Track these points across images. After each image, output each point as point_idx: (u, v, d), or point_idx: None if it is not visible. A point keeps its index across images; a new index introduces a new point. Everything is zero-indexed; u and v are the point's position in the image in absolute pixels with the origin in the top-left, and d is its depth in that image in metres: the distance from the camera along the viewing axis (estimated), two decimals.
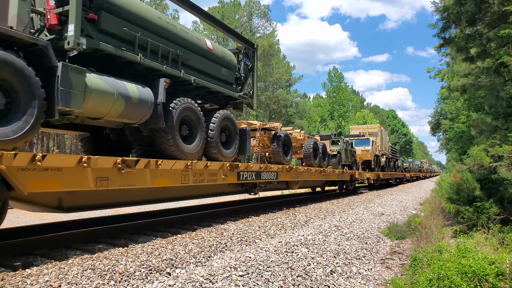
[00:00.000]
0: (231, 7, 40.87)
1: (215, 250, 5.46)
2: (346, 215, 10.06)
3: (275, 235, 6.93)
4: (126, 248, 5.16)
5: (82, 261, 4.44)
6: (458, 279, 4.38)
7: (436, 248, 5.79)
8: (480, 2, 7.61)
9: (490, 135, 8.13)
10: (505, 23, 7.51)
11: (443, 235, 7.77)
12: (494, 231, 7.06)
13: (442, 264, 4.78)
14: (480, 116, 10.21)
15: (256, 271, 4.62)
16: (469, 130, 17.04)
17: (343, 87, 62.59)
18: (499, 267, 4.55)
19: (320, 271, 5.30)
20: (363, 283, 5.45)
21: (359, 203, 13.55)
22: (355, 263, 6.24)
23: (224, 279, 4.23)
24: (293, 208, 10.86)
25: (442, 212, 10.59)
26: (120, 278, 3.97)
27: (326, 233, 7.36)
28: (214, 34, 41.01)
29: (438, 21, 8.83)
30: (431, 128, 37.16)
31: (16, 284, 3.58)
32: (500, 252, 5.16)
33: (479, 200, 8.00)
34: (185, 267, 4.61)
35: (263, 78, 41.60)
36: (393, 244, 8.31)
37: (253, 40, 39.35)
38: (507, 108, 8.37)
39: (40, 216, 10.57)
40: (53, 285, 3.61)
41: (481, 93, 13.44)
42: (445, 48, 10.12)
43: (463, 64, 10.69)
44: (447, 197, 9.25)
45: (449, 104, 27.77)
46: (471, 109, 18.22)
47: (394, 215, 11.89)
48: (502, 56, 8.00)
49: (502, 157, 6.93)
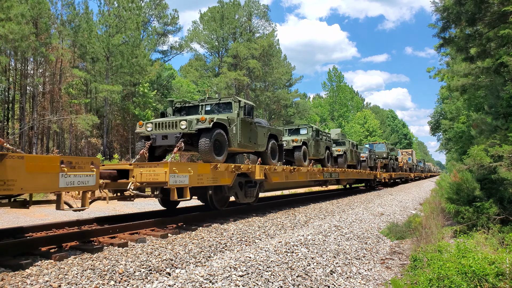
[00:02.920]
0: (231, 7, 40.81)
1: (215, 250, 5.46)
2: (346, 215, 10.06)
3: (275, 235, 6.93)
4: (126, 248, 5.16)
5: (82, 261, 4.44)
6: (458, 279, 4.38)
7: (436, 248, 5.79)
8: (480, 2, 7.61)
9: (490, 135, 8.13)
10: (505, 23, 7.51)
11: (443, 235, 7.77)
12: (494, 231, 7.06)
13: (442, 264, 4.78)
14: (480, 116, 10.21)
15: (256, 271, 4.62)
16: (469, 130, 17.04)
17: (343, 87, 62.57)
18: (499, 267, 4.54)
19: (320, 271, 5.30)
20: (363, 283, 5.45)
21: (359, 203, 13.55)
22: (355, 263, 6.24)
23: (224, 279, 4.23)
24: (293, 208, 10.86)
25: (442, 212, 10.59)
26: (120, 278, 3.97)
27: (326, 233, 7.36)
28: (214, 34, 41.00)
29: (438, 21, 8.84)
30: (431, 128, 37.15)
31: (16, 284, 3.58)
32: (500, 252, 5.16)
33: (479, 200, 8.00)
34: (185, 267, 4.61)
35: (263, 78, 41.59)
36: (393, 244, 8.31)
37: (253, 40, 39.42)
38: (507, 108, 8.37)
39: (40, 216, 10.57)
40: (53, 285, 3.61)
41: (481, 93, 13.44)
42: (445, 48, 10.11)
43: (463, 64, 10.68)
44: (447, 197, 9.24)
45: (449, 104, 27.77)
46: (471, 109, 18.22)
47: (394, 215, 11.88)
48: (502, 56, 8.00)
49: (502, 157, 6.93)
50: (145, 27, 35.76)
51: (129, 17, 26.77)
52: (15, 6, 18.80)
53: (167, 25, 40.32)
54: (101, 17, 27.14)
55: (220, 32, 40.62)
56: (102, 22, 26.91)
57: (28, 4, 20.58)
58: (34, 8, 21.17)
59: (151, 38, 35.26)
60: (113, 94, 24.87)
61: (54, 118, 23.66)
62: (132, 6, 27.82)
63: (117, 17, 26.82)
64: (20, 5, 19.36)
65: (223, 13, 40.49)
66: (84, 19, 26.48)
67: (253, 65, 37.91)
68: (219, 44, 41.79)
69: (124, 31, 26.42)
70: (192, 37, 41.58)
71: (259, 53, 39.19)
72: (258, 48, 38.47)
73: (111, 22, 26.38)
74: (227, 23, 40.18)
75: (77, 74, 25.20)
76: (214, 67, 42.69)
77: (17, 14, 18.65)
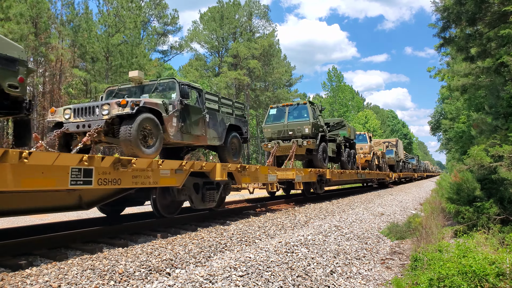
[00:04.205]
0: (231, 7, 40.80)
1: (215, 250, 5.46)
2: (346, 215, 10.06)
3: (275, 235, 6.93)
4: (126, 248, 5.15)
5: (82, 261, 4.43)
6: (458, 279, 4.37)
7: (437, 248, 5.78)
8: (480, 2, 7.60)
9: (490, 135, 8.12)
10: (505, 23, 7.50)
11: (443, 235, 7.76)
12: (494, 231, 7.05)
13: (443, 264, 4.78)
14: (480, 116, 10.21)
15: (256, 271, 4.61)
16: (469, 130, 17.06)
17: (344, 87, 62.54)
18: (500, 267, 4.54)
19: (320, 271, 5.29)
20: (363, 283, 5.44)
21: (359, 203, 13.55)
22: (355, 263, 6.23)
23: (224, 279, 4.22)
24: (293, 208, 10.85)
25: (442, 212, 10.58)
26: (119, 278, 3.96)
27: (326, 233, 7.35)
28: (214, 34, 40.96)
29: (438, 21, 8.83)
30: (431, 128, 37.20)
31: (16, 284, 3.57)
32: (500, 252, 5.16)
33: (479, 200, 7.99)
34: (185, 267, 4.60)
35: (263, 78, 41.58)
36: (393, 244, 8.30)
37: (253, 40, 39.40)
38: (507, 108, 8.37)
39: (40, 216, 10.56)
40: (52, 285, 3.61)
41: (481, 93, 13.44)
42: (445, 48, 10.10)
43: (463, 64, 10.67)
44: (447, 197, 9.24)
45: (449, 104, 27.81)
46: (471, 109, 18.24)
47: (394, 215, 11.88)
48: (502, 56, 7.99)
49: (502, 157, 6.92)
50: (145, 27, 35.77)
51: (129, 16, 26.77)
52: (14, 6, 18.80)
53: (167, 25, 40.36)
54: (101, 17, 27.14)
55: (220, 32, 40.61)
56: (101, 21, 26.92)
57: (27, 4, 20.58)
58: (33, 8, 21.17)
59: (151, 38, 35.26)
60: None
61: None
62: (132, 6, 27.81)
63: (116, 17, 26.81)
64: (19, 5, 19.36)
65: (223, 13, 40.48)
66: (84, 19, 26.48)
67: (253, 65, 37.91)
68: (219, 44, 41.78)
69: (123, 31, 26.42)
70: (192, 37, 41.59)
71: (259, 53, 39.19)
72: (259, 48, 38.48)
73: (110, 21, 26.38)
74: (227, 23, 40.15)
75: (77, 74, 25.20)
76: (214, 67, 42.69)
77: (16, 13, 18.66)
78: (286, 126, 13.08)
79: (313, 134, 12.84)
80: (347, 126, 16.94)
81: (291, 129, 12.94)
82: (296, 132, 12.79)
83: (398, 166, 29.88)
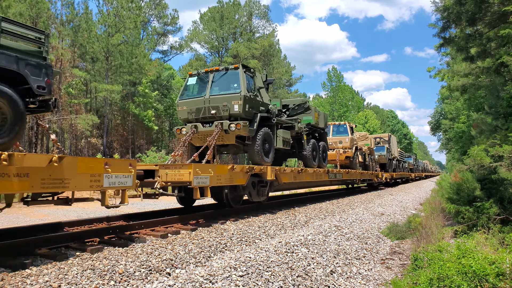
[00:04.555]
0: (231, 7, 40.83)
1: (215, 250, 5.46)
2: (346, 215, 10.06)
3: (275, 235, 6.93)
4: (126, 248, 5.15)
5: (82, 261, 4.43)
6: (458, 279, 4.37)
7: (437, 248, 5.78)
8: (480, 2, 7.60)
9: (490, 135, 8.12)
10: (505, 23, 7.50)
11: (443, 235, 7.76)
12: (494, 231, 7.05)
13: (443, 264, 4.78)
14: (480, 116, 10.21)
15: (256, 271, 4.61)
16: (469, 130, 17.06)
17: (343, 87, 62.55)
18: (500, 267, 4.54)
19: (320, 271, 5.29)
20: (363, 283, 5.45)
21: (359, 203, 13.55)
22: (355, 263, 6.23)
23: (224, 279, 4.22)
24: (293, 208, 10.86)
25: (442, 212, 10.58)
26: (120, 278, 3.96)
27: (326, 233, 7.35)
28: (214, 34, 40.98)
29: (438, 21, 8.83)
30: (431, 128, 37.19)
31: (16, 284, 3.57)
32: (500, 252, 5.15)
33: (479, 200, 7.99)
34: (185, 267, 4.60)
35: None
36: (393, 244, 8.30)
37: (253, 40, 39.43)
38: (507, 108, 8.37)
39: (40, 216, 10.57)
40: (52, 285, 3.61)
41: (481, 93, 13.44)
42: (445, 48, 10.10)
43: (463, 64, 10.67)
44: (447, 197, 9.24)
45: (449, 104, 27.80)
46: (471, 109, 18.24)
47: (394, 215, 11.88)
48: (502, 56, 7.99)
49: (502, 157, 6.92)
50: (145, 27, 35.76)
51: (128, 16, 26.77)
52: (13, 5, 18.80)
53: (167, 25, 40.37)
54: (101, 17, 27.14)
55: (220, 32, 40.62)
56: (101, 21, 26.92)
57: (27, 4, 20.58)
58: (32, 8, 21.17)
59: (151, 38, 35.27)
60: (112, 93, 24.88)
61: (54, 118, 23.65)
62: (132, 6, 27.82)
63: (116, 17, 26.82)
64: (19, 5, 19.37)
65: (223, 13, 40.49)
66: (84, 19, 26.48)
67: (253, 65, 37.92)
68: (219, 44, 41.78)
69: (123, 31, 26.43)
70: (192, 37, 41.60)
71: (259, 53, 39.21)
72: (259, 48, 38.50)
73: (110, 21, 26.39)
74: (227, 23, 40.17)
75: (77, 74, 25.21)
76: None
77: (15, 13, 18.65)
78: (207, 101, 8.89)
79: (247, 114, 8.94)
80: (312, 110, 12.74)
81: (214, 106, 8.84)
82: (222, 111, 8.77)
83: (391, 165, 26.58)
